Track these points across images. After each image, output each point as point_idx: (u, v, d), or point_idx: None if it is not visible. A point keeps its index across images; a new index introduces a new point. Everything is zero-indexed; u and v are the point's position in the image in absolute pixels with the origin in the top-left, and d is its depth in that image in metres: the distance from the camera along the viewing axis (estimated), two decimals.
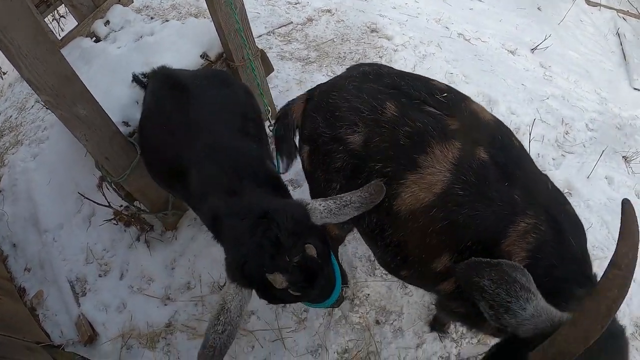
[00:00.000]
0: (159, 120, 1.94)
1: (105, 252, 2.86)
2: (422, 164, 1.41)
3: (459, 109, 1.50)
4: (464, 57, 4.15)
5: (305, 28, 4.17)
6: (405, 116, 1.47)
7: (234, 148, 1.75)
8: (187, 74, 2.21)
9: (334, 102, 1.62)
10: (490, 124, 1.53)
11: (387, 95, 1.53)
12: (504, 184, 1.37)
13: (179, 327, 2.50)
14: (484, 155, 1.40)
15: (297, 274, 1.28)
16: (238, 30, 2.49)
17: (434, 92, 1.53)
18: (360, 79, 1.65)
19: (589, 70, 5.09)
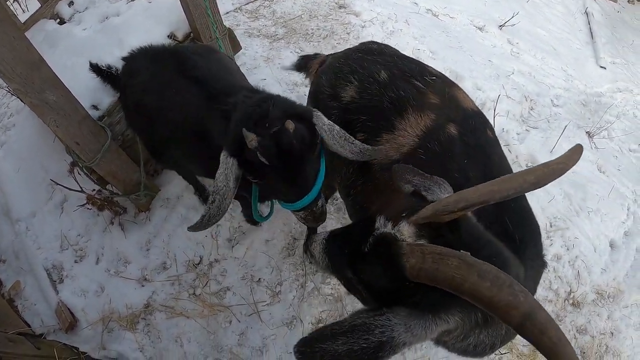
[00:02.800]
0: (163, 90, 1.95)
1: (79, 238, 2.86)
2: (397, 127, 1.55)
3: (442, 90, 1.63)
4: (431, 33, 4.19)
5: (272, 4, 4.14)
6: (393, 84, 1.62)
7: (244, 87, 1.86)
8: (179, 45, 2.29)
9: (339, 66, 1.80)
10: (468, 110, 1.62)
11: (384, 66, 1.70)
12: (464, 160, 1.46)
13: (157, 307, 2.54)
14: (454, 131, 1.51)
15: (269, 139, 1.33)
16: (206, 9, 2.50)
17: (425, 74, 1.68)
18: (365, 52, 1.83)
19: (557, 48, 5.20)
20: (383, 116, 1.60)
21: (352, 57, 1.81)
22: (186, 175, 2.64)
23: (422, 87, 1.62)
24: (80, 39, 2.75)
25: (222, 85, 1.83)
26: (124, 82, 2.18)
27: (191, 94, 1.84)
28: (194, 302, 2.51)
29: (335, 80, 1.77)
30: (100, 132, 2.34)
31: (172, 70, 1.94)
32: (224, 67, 2.09)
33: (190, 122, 1.83)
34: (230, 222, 2.69)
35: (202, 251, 2.63)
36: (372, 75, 1.68)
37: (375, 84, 1.66)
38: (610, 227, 3.36)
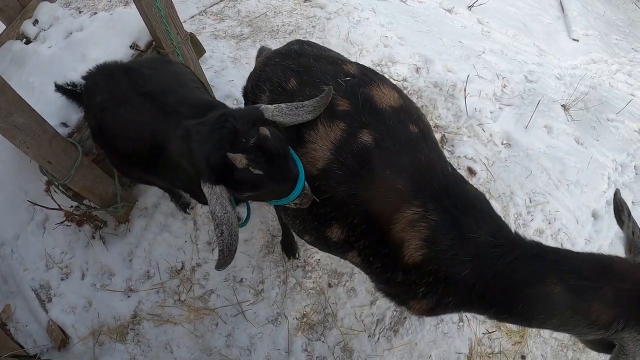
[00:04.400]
0: (119, 108, 1.96)
1: (63, 255, 2.86)
2: (308, 139, 1.50)
3: (354, 93, 1.55)
4: (399, 20, 4.20)
5: (237, 4, 4.14)
6: (301, 92, 1.56)
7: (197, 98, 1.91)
8: (133, 60, 2.33)
9: (259, 73, 1.77)
10: (385, 110, 1.55)
11: (295, 72, 1.64)
12: (385, 172, 1.42)
13: (144, 317, 2.56)
14: (367, 139, 1.45)
15: (255, 152, 1.36)
16: (162, 17, 2.50)
17: (339, 76, 1.60)
18: (283, 55, 1.77)
19: (528, 24, 5.23)
20: (292, 127, 1.52)
21: (270, 63, 1.76)
22: (160, 186, 2.66)
23: (333, 91, 1.54)
24: (46, 57, 2.76)
25: (174, 100, 1.84)
26: (85, 102, 2.20)
27: (145, 110, 1.84)
28: (179, 308, 2.52)
29: (254, 88, 1.74)
30: (72, 149, 2.34)
31: (126, 88, 1.95)
32: (176, 79, 2.09)
33: (148, 139, 1.83)
34: (208, 225, 2.70)
35: (184, 257, 2.64)
36: (281, 84, 1.63)
37: (283, 93, 1.61)
38: (592, 197, 3.39)
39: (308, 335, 2.43)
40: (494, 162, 3.23)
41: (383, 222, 1.41)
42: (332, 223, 1.52)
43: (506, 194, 3.09)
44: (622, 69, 5.45)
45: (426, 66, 3.65)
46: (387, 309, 2.50)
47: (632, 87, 5.21)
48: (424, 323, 2.50)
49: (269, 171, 1.38)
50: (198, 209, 2.75)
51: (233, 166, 1.34)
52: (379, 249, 1.48)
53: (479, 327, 2.56)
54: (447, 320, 2.53)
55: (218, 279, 2.56)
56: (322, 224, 1.55)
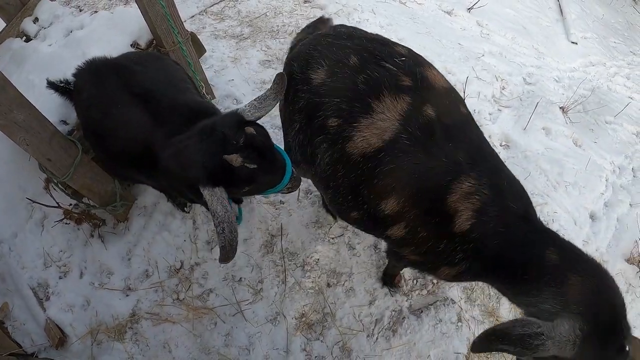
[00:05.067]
0: (108, 106, 1.97)
1: (62, 254, 2.85)
2: (375, 109, 1.57)
3: (412, 72, 1.64)
4: (398, 21, 4.22)
5: (237, 4, 4.14)
6: (365, 67, 1.64)
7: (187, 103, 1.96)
8: (122, 56, 2.28)
9: (309, 52, 1.79)
10: (440, 89, 1.67)
11: (353, 50, 1.70)
12: (448, 144, 1.53)
13: (143, 315, 2.55)
14: (431, 113, 1.55)
15: (246, 150, 1.52)
16: (165, 15, 2.50)
17: (395, 56, 1.68)
18: (334, 37, 1.82)
19: (526, 27, 5.25)
20: (358, 98, 1.59)
21: (321, 42, 1.80)
22: (154, 186, 2.66)
23: (394, 69, 1.62)
24: (46, 55, 2.76)
25: (167, 105, 1.89)
26: (74, 99, 2.20)
27: (138, 113, 1.87)
28: (178, 307, 2.52)
29: (305, 66, 1.76)
30: (71, 147, 2.34)
31: (115, 86, 1.96)
32: (167, 78, 2.10)
33: (141, 141, 1.85)
34: (207, 224, 2.70)
35: (183, 256, 2.64)
36: (341, 60, 1.68)
37: (345, 67, 1.65)
38: (590, 199, 3.40)
39: (307, 335, 2.43)
40: None
41: (439, 192, 1.53)
42: (391, 194, 1.59)
43: None
44: (621, 72, 5.48)
45: None
46: (385, 309, 2.51)
47: (630, 90, 5.24)
48: (422, 323, 2.51)
49: (261, 164, 1.56)
50: (197, 207, 2.75)
51: (230, 167, 1.50)
52: (428, 219, 1.59)
53: (478, 327, 2.57)
54: (445, 320, 2.54)
55: (217, 278, 2.56)
56: (380, 196, 1.62)
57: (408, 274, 2.64)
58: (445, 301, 2.59)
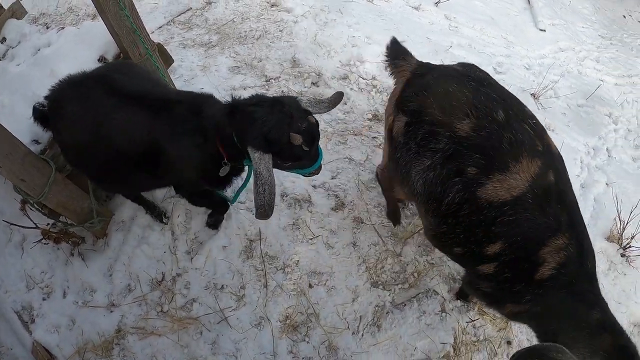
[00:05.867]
0: (96, 116, 1.99)
1: (44, 275, 2.84)
2: (511, 170, 1.71)
3: (542, 137, 1.81)
4: (366, 19, 4.25)
5: (204, 12, 4.15)
6: (511, 125, 1.74)
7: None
8: (98, 68, 2.29)
9: (452, 92, 1.84)
10: (556, 155, 1.85)
11: (499, 104, 1.79)
12: (557, 205, 1.73)
13: (128, 330, 2.54)
14: (552, 178, 1.75)
15: (305, 134, 1.80)
16: (131, 25, 2.51)
17: (530, 117, 1.86)
18: (477, 82, 1.89)
19: (494, 17, 5.31)
20: (498, 157, 1.72)
21: (466, 85, 1.84)
22: (135, 197, 2.67)
23: (532, 132, 1.77)
24: (15, 75, 2.75)
25: (162, 98, 2.00)
26: (53, 120, 2.16)
27: (133, 112, 1.94)
28: (163, 319, 2.52)
29: (450, 109, 1.80)
30: (45, 166, 2.33)
31: (103, 94, 1.97)
32: (148, 79, 2.18)
33: (142, 138, 1.95)
34: (186, 234, 2.71)
35: (164, 267, 2.64)
36: (490, 114, 1.74)
37: (494, 123, 1.73)
38: None
39: (292, 337, 2.44)
40: None
41: (538, 244, 1.74)
42: (500, 239, 1.78)
43: None
44: (590, 56, 5.56)
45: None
46: (368, 305, 2.53)
47: (600, 73, 5.32)
48: (406, 316, 2.53)
49: (310, 149, 1.85)
50: (175, 218, 2.76)
51: (288, 142, 1.77)
52: (519, 264, 1.80)
53: (462, 316, 2.60)
54: (429, 312, 2.57)
55: (199, 287, 2.57)
56: (490, 240, 1.81)
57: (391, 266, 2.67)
58: (428, 293, 2.62)
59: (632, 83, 5.41)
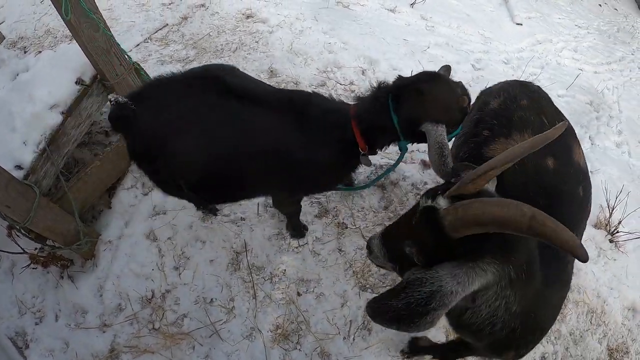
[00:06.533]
0: (207, 121, 1.90)
1: (35, 299, 2.84)
2: (513, 137, 1.90)
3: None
4: (341, 25, 4.29)
5: (181, 28, 4.17)
6: (528, 109, 1.99)
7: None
8: (201, 71, 2.14)
9: (496, 90, 2.22)
10: (574, 161, 1.92)
11: (527, 96, 2.07)
12: (540, 190, 1.75)
13: (122, 350, 2.54)
14: (549, 164, 1.80)
15: (467, 95, 2.02)
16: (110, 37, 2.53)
17: (558, 119, 2.03)
18: (522, 84, 2.22)
19: (470, 15, 5.37)
20: (507, 125, 1.93)
21: (511, 84, 2.21)
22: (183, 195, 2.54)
23: (546, 122, 1.92)
24: None
25: (283, 97, 1.99)
26: (144, 122, 1.93)
27: (256, 114, 1.89)
28: (155, 337, 2.53)
29: (489, 97, 2.17)
30: (28, 191, 2.34)
31: (216, 97, 1.88)
32: (253, 80, 2.15)
33: (265, 144, 1.91)
34: (173, 250, 2.72)
35: (153, 285, 2.65)
36: (515, 99, 2.04)
37: (514, 103, 2.01)
38: None
39: (284, 346, 2.46)
40: None
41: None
42: None
43: None
44: (568, 46, 5.64)
45: (372, 67, 3.74)
46: (357, 309, 2.55)
47: (579, 62, 5.40)
48: None
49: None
50: (162, 235, 2.77)
51: (461, 107, 1.94)
52: None
53: None
54: None
55: (189, 302, 2.58)
56: None
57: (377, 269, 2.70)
58: None
59: (611, 70, 5.50)
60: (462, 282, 1.13)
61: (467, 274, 1.14)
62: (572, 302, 2.79)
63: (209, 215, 2.82)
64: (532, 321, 1.46)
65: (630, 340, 2.80)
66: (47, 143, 2.51)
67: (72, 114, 2.63)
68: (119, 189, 2.96)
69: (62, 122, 2.58)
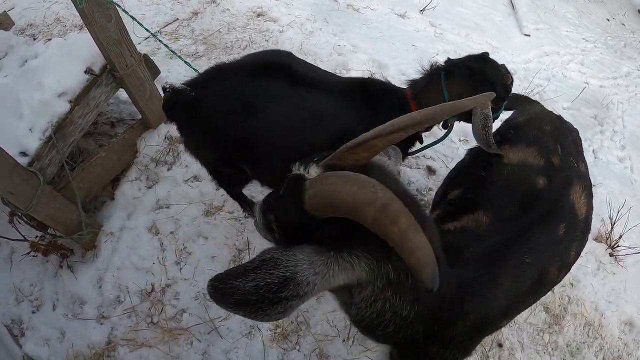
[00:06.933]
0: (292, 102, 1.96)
1: (33, 288, 2.82)
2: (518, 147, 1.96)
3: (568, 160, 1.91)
4: (351, 28, 4.30)
5: (191, 23, 4.17)
6: (550, 135, 2.00)
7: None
8: (264, 58, 2.15)
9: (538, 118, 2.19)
10: (569, 201, 1.79)
11: (551, 124, 2.07)
12: (521, 205, 1.67)
13: (119, 342, 2.53)
14: (540, 182, 1.73)
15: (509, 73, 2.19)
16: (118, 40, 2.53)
17: (579, 147, 2.09)
18: (559, 118, 2.21)
19: (479, 23, 5.38)
20: (519, 137, 1.96)
21: (552, 115, 2.21)
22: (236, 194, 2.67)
23: (558, 151, 1.87)
24: (2, 87, 2.72)
25: (348, 83, 2.15)
26: (206, 110, 1.94)
27: (326, 100, 1.99)
28: (153, 331, 2.51)
29: (518, 114, 2.31)
30: (33, 178, 2.33)
31: (285, 85, 1.94)
32: (315, 68, 2.22)
33: (333, 130, 1.96)
34: (175, 244, 2.71)
35: (153, 278, 2.64)
36: (541, 125, 2.02)
37: (540, 131, 1.98)
38: None
39: (283, 346, 2.45)
40: (453, 158, 3.32)
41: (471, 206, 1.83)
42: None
43: None
44: (575, 59, 5.64)
45: (380, 71, 3.73)
46: None
47: (585, 76, 5.40)
48: None
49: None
50: (165, 229, 2.76)
51: (505, 83, 2.12)
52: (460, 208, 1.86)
53: None
54: None
55: (188, 297, 2.57)
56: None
57: None
58: None
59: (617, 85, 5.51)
60: (321, 273, 0.95)
61: (327, 264, 0.96)
62: (570, 314, 2.79)
63: (251, 217, 2.79)
64: (444, 335, 1.29)
65: (626, 355, 2.79)
66: (54, 131, 2.51)
67: (80, 103, 2.62)
68: (122, 181, 2.95)
69: (70, 111, 2.58)
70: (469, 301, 1.32)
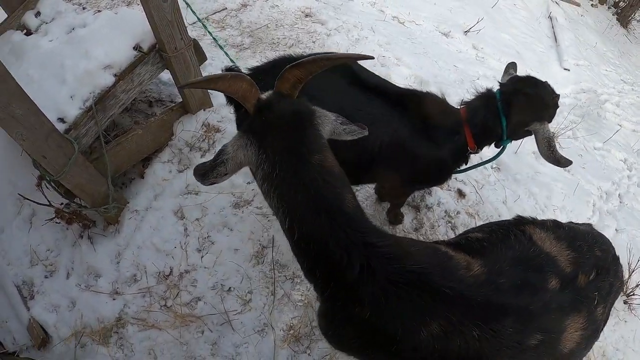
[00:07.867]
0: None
1: (49, 253, 2.83)
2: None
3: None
4: (397, 40, 4.28)
5: (239, 14, 4.17)
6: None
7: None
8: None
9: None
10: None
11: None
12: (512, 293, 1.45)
13: (129, 320, 2.53)
14: (568, 268, 1.56)
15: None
16: (171, 21, 2.52)
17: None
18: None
19: (521, 52, 5.35)
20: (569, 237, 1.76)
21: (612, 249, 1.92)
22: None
23: (591, 277, 1.59)
24: (47, 51, 2.73)
25: (406, 93, 2.20)
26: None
27: (381, 106, 2.06)
28: (165, 314, 2.51)
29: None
30: (67, 145, 2.33)
31: (347, 86, 2.04)
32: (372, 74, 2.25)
33: (385, 135, 2.05)
34: (199, 232, 2.70)
35: (172, 262, 2.63)
36: (592, 244, 1.75)
37: (588, 245, 1.70)
38: None
39: (294, 348, 2.43)
40: (483, 185, 3.29)
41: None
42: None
43: (494, 216, 3.14)
44: (611, 99, 5.60)
45: (421, 88, 3.69)
46: None
47: (619, 117, 5.36)
48: None
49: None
50: (191, 215, 2.75)
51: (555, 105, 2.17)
52: None
53: None
54: None
55: (206, 286, 2.56)
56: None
57: None
58: None
59: None
60: (234, 146, 1.32)
61: (236, 141, 1.33)
62: None
63: None
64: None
65: None
66: (95, 102, 2.50)
67: (125, 78, 2.62)
68: (154, 161, 2.94)
69: (114, 85, 2.58)
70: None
